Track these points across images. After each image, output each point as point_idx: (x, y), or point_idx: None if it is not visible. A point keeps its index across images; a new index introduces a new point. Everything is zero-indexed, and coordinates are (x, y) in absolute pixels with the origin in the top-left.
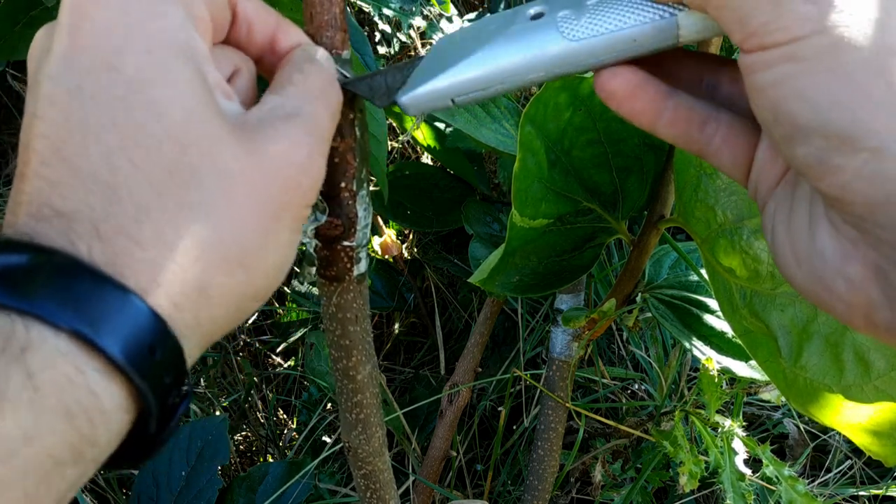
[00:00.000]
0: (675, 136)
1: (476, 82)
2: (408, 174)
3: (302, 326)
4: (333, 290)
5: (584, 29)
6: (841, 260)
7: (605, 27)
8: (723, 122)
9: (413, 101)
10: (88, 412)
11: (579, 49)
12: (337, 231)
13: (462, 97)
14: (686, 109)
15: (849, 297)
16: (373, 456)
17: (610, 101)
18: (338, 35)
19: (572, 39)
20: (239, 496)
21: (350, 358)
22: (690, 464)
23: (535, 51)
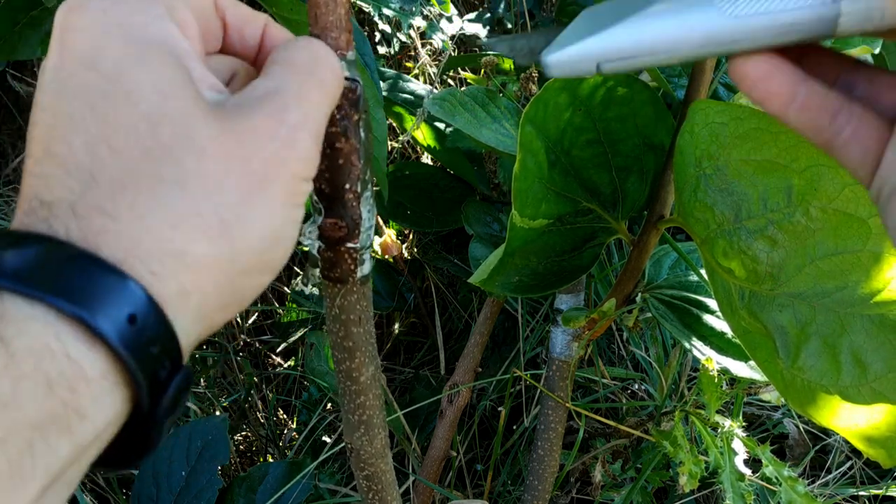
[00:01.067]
0: (806, 123)
1: (626, 49)
2: (408, 174)
3: (302, 326)
4: (337, 291)
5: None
6: None
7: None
8: (854, 115)
9: (559, 60)
10: (70, 380)
11: (735, 27)
12: (341, 233)
13: (609, 64)
14: (819, 97)
15: None
16: (375, 457)
17: (742, 83)
18: (343, 36)
19: (730, 16)
20: (239, 496)
21: (353, 359)
22: (690, 464)
23: (691, 23)
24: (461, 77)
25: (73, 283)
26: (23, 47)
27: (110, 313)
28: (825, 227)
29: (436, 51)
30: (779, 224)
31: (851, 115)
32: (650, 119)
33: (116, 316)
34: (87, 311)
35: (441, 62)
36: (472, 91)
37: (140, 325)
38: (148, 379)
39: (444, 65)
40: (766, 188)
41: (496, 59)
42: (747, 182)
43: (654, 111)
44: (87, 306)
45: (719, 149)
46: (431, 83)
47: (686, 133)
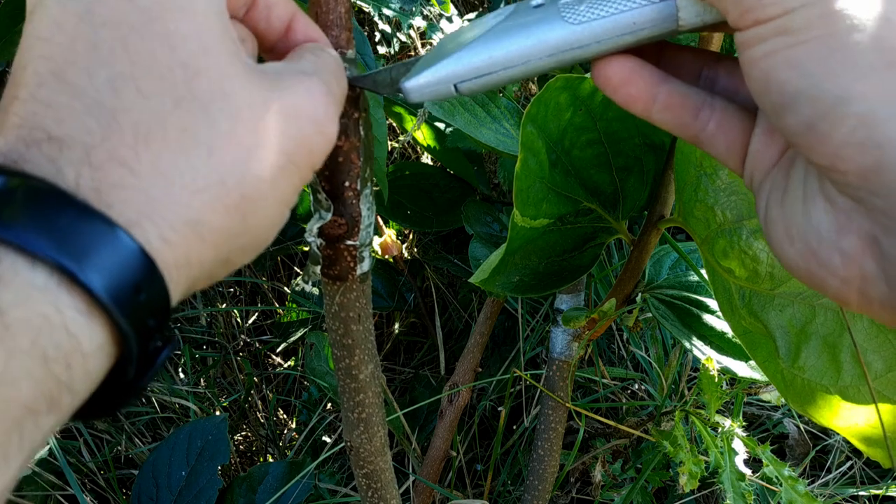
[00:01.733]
0: (670, 122)
1: (478, 68)
2: (408, 174)
3: (302, 326)
4: (336, 289)
5: (585, 13)
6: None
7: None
8: (717, 109)
9: (415, 86)
10: (67, 356)
11: (581, 32)
12: (341, 230)
13: (465, 83)
14: (680, 95)
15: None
16: (374, 455)
17: (606, 88)
18: (343, 34)
19: (573, 23)
20: (239, 496)
21: (352, 357)
22: (690, 464)
23: (536, 34)
24: None
25: (82, 247)
26: None
27: (118, 284)
28: None
29: None
30: None
31: (714, 109)
32: None
33: (123, 287)
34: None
35: None
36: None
37: (144, 298)
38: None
39: None
40: None
41: None
42: None
43: None
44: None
45: None
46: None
47: None
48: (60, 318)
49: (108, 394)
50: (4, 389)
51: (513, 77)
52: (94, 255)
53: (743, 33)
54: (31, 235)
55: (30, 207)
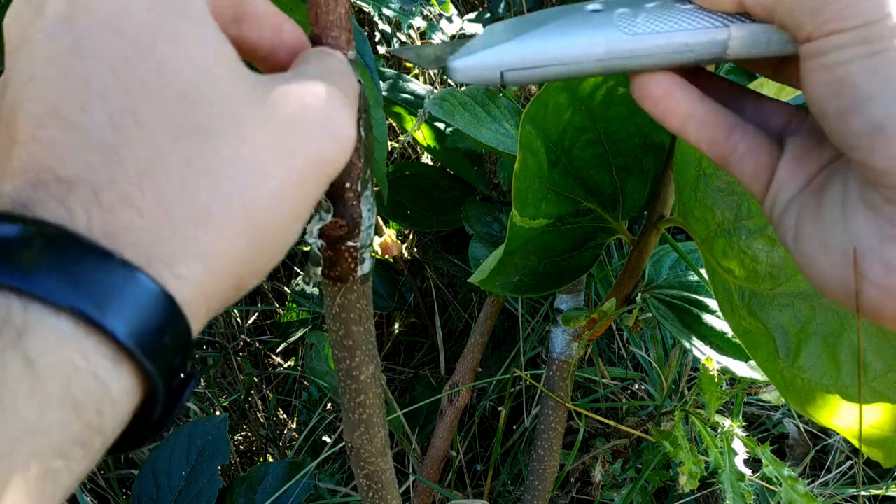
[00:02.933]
0: (702, 140)
1: (529, 59)
2: (408, 174)
3: (302, 326)
4: (337, 290)
5: (641, 25)
6: (878, 242)
7: (661, 26)
8: (749, 133)
9: (463, 66)
10: (97, 402)
11: (634, 43)
12: (341, 231)
13: (513, 73)
14: (716, 114)
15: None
16: (375, 456)
17: (644, 100)
18: (343, 35)
19: (628, 32)
20: (239, 496)
21: (353, 358)
22: (690, 464)
23: (590, 37)
24: None
25: (103, 293)
26: None
27: (142, 328)
28: None
29: None
30: None
31: (745, 132)
32: (650, 119)
33: (147, 331)
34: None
35: None
36: (472, 91)
37: (168, 338)
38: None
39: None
40: None
41: None
42: None
43: None
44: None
45: None
46: (431, 83)
47: None
48: (88, 365)
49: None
50: (38, 439)
51: (559, 75)
52: (117, 301)
53: (814, 43)
54: (53, 285)
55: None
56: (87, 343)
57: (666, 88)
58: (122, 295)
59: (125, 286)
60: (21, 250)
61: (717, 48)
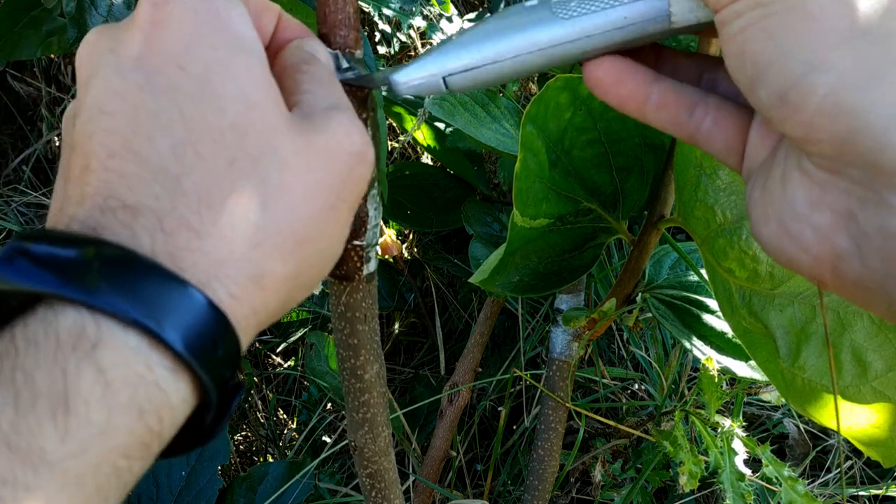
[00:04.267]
0: (665, 121)
1: (466, 61)
2: (408, 174)
3: (302, 326)
4: (343, 289)
5: (576, 8)
6: (809, 208)
7: (596, 5)
8: (712, 106)
9: (404, 77)
10: (158, 409)
11: (570, 26)
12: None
13: (454, 77)
14: (674, 94)
15: (816, 248)
16: (378, 455)
17: (597, 90)
18: (351, 34)
19: (564, 17)
20: (239, 496)
21: (358, 357)
22: (690, 464)
23: (526, 28)
24: None
25: (163, 309)
26: (23, 47)
27: (198, 341)
28: None
29: None
30: None
31: (708, 106)
32: None
33: (204, 344)
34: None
35: None
36: (472, 91)
37: (221, 352)
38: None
39: None
40: None
41: None
42: None
43: None
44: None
45: None
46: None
47: None
48: (152, 376)
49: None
50: (107, 440)
51: (503, 72)
52: (173, 315)
53: (721, 13)
54: (119, 301)
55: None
56: (150, 356)
57: (614, 74)
58: (181, 311)
59: (183, 303)
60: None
61: (659, 19)
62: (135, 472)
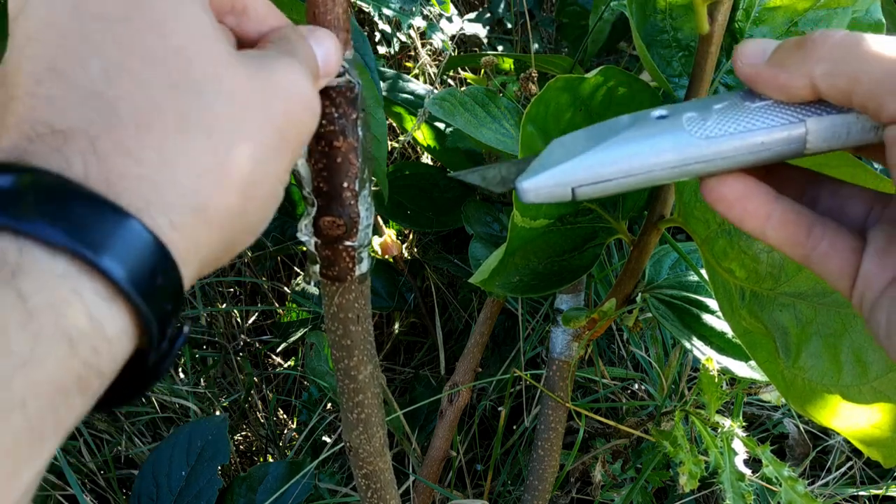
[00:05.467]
0: (784, 240)
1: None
2: (408, 174)
3: (302, 326)
4: (335, 290)
5: (713, 128)
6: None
7: (734, 128)
8: (829, 228)
9: (534, 186)
10: (91, 339)
11: (707, 147)
12: (339, 231)
13: (584, 188)
14: (794, 213)
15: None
16: (374, 456)
17: (718, 205)
18: (341, 35)
19: (700, 137)
20: (239, 496)
21: (351, 358)
22: (690, 464)
23: (663, 145)
24: (461, 77)
25: (98, 236)
26: None
27: (135, 270)
28: None
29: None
30: None
31: (826, 228)
32: None
33: (141, 272)
34: (115, 266)
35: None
36: (472, 91)
37: (161, 282)
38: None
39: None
40: None
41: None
42: None
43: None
44: (114, 261)
45: None
46: (431, 83)
47: None
48: (82, 303)
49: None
50: (34, 371)
51: (631, 185)
52: (111, 244)
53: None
54: (48, 227)
55: (45, 201)
56: (80, 282)
57: (740, 191)
58: (116, 238)
59: (119, 230)
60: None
61: (795, 144)
62: (75, 410)
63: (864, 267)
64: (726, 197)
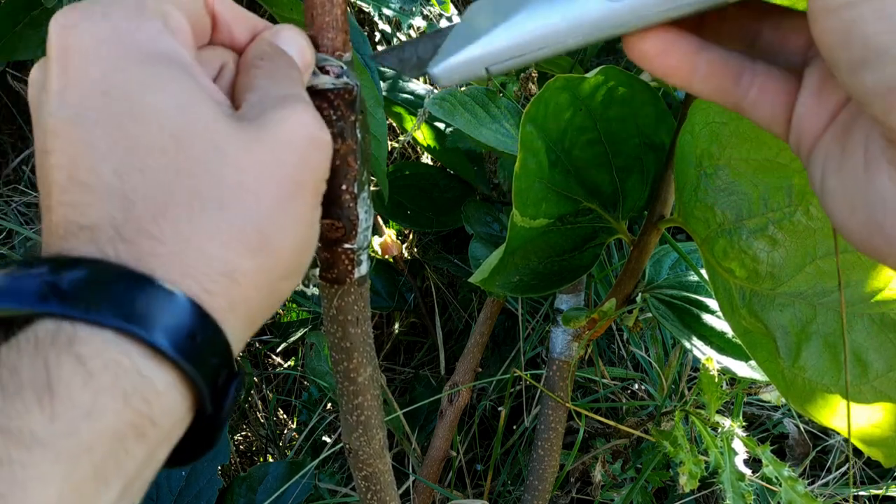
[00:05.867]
0: (711, 91)
1: (512, 49)
2: (408, 174)
3: (302, 326)
4: (334, 292)
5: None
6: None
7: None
8: (759, 73)
9: (445, 71)
10: (143, 392)
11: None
12: (338, 233)
13: (497, 65)
14: (720, 63)
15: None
16: (373, 458)
17: (641, 62)
18: (339, 36)
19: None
20: (239, 496)
21: (351, 360)
22: (690, 464)
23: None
24: None
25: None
26: (23, 47)
27: (174, 333)
28: (825, 226)
29: None
30: (779, 223)
31: (755, 74)
32: (651, 119)
33: (179, 334)
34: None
35: None
36: (472, 91)
37: (200, 340)
38: (209, 387)
39: None
40: (767, 187)
41: None
42: (747, 181)
43: (654, 111)
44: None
45: (719, 148)
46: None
47: (686, 133)
48: (132, 364)
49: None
50: (97, 421)
51: (546, 56)
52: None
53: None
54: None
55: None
56: (129, 347)
57: (660, 47)
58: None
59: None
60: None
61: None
62: (134, 456)
63: (797, 110)
64: (646, 53)
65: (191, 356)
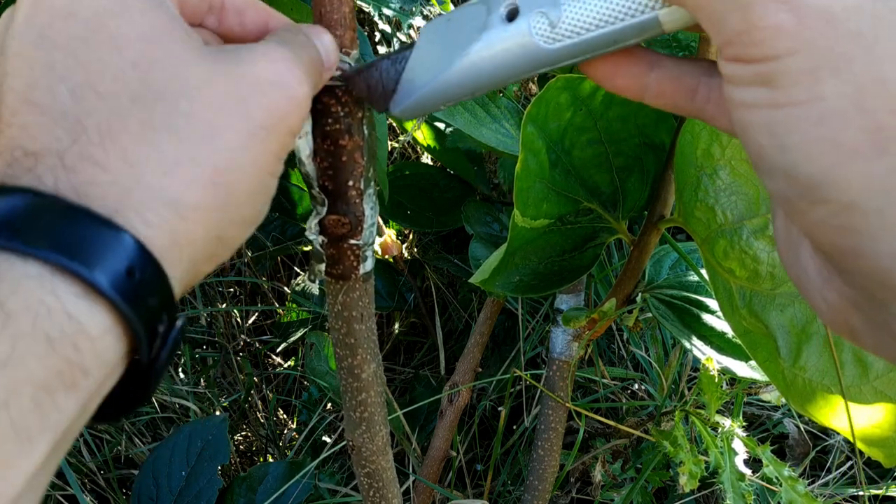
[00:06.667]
0: (665, 106)
1: (460, 92)
2: (408, 174)
3: (302, 326)
4: (339, 288)
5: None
6: (821, 282)
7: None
8: (714, 87)
9: (406, 111)
10: (71, 337)
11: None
12: (344, 229)
13: (451, 101)
14: (671, 81)
15: (831, 316)
16: (376, 454)
17: (595, 80)
18: (347, 34)
19: (550, 45)
20: (239, 496)
21: (355, 356)
22: (690, 464)
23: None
24: None
25: (68, 239)
26: None
27: (108, 267)
28: None
29: None
30: None
31: (711, 88)
32: (651, 119)
33: (115, 270)
34: (85, 266)
35: None
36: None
37: (138, 277)
38: (147, 332)
39: None
40: None
41: None
42: (748, 181)
43: (654, 111)
44: (84, 261)
45: (720, 148)
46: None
47: (686, 133)
48: (59, 303)
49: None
50: (14, 371)
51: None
52: (81, 245)
53: (726, 65)
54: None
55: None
56: (56, 283)
57: (609, 69)
58: (86, 239)
59: (88, 231)
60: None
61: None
62: (63, 409)
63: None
64: (596, 77)
65: (127, 295)
